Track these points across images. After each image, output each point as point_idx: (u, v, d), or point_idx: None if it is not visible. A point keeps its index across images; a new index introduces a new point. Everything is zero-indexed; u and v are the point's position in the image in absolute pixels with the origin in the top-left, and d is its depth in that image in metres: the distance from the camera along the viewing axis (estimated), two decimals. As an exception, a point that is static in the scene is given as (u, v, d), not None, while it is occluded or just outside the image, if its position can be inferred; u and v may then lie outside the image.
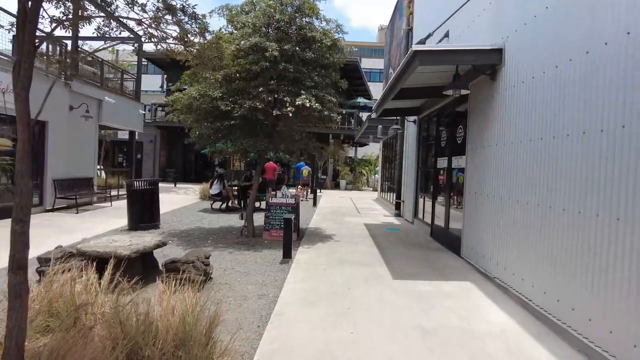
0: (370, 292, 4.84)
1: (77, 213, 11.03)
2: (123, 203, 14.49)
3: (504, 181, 5.20)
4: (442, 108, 8.46)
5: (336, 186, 27.80)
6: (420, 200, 10.25)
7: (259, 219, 9.69)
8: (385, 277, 5.54)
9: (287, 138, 8.63)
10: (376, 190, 23.17)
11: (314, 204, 15.09)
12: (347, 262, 6.27)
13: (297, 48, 7.21)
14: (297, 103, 6.89)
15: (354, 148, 37.22)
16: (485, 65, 5.67)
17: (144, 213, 8.77)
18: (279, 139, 8.51)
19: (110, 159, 28.93)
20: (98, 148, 25.09)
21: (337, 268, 5.92)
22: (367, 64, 48.72)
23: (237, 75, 7.23)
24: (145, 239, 5.34)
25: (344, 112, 8.21)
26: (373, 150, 33.70)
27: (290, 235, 6.24)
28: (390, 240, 8.32)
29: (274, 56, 6.95)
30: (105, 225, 9.22)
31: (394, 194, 14.28)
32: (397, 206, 12.26)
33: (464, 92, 5.70)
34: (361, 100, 29.15)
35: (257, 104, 6.95)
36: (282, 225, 7.66)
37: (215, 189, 12.69)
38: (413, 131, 10.96)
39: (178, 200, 15.68)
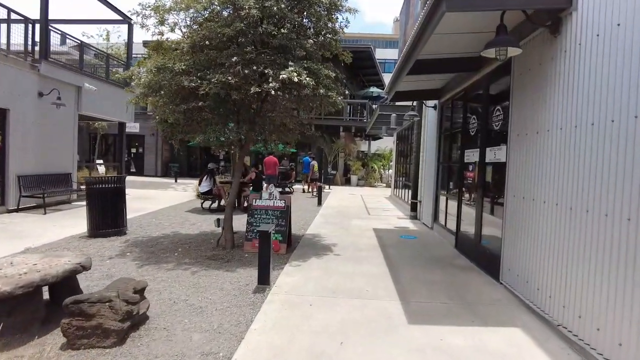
0: (374, 354, 3.17)
1: (45, 214, 9.62)
2: None
3: (573, 183, 3.46)
4: (471, 87, 6.69)
5: (347, 182, 26.09)
6: (442, 201, 8.50)
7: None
8: (397, 319, 3.85)
9: (276, 126, 6.99)
10: (389, 187, 21.39)
11: (319, 202, 13.45)
12: (344, 292, 4.60)
13: (284, 6, 5.52)
14: (281, 77, 5.22)
15: (366, 142, 35.41)
16: (544, 11, 3.91)
17: (105, 217, 7.25)
18: (265, 126, 6.87)
19: (112, 154, 27.77)
20: (93, 141, 23.85)
21: (330, 303, 4.25)
22: (381, 54, 46.73)
23: (207, 42, 5.59)
24: (59, 261, 3.76)
25: (347, 93, 6.26)
26: (387, 144, 31.82)
27: (267, 253, 4.60)
28: (404, 254, 6.61)
29: (252, 16, 5.30)
30: (68, 229, 7.77)
31: (409, 192, 12.52)
32: (413, 207, 10.52)
33: (512, 52, 3.94)
34: (374, 90, 27.29)
35: (229, 78, 5.31)
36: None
37: (204, 186, 11.15)
38: (432, 119, 9.19)
39: (171, 197, 14.24)
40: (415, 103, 9.95)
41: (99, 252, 6.24)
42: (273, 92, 5.32)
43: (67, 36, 11.64)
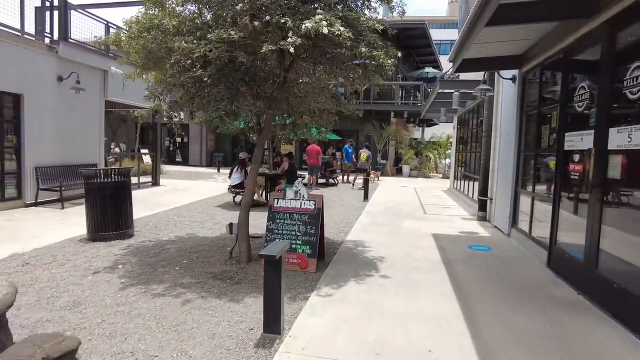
0: None
1: (63, 208, 8.78)
2: (137, 194, 12.32)
3: None
4: (577, 43, 4.68)
5: (398, 172, 24.07)
6: (524, 201, 6.54)
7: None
8: None
9: (306, 103, 5.42)
10: (447, 178, 19.16)
11: (365, 196, 11.75)
12: (393, 354, 2.97)
13: None
14: (304, 28, 3.61)
15: (419, 128, 32.93)
16: None
17: (106, 217, 6.09)
18: (292, 105, 5.33)
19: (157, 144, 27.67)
20: (135, 131, 23.56)
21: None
22: (436, 35, 43.59)
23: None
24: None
25: (399, 54, 4.49)
26: (443, 130, 29.24)
27: (275, 288, 3.03)
28: (478, 276, 4.82)
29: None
30: (74, 228, 6.79)
31: (474, 185, 10.49)
32: (482, 206, 8.54)
33: None
34: (430, 70, 24.85)
35: (232, 33, 3.78)
36: (294, 246, 4.58)
37: (235, 179, 9.87)
38: (510, 94, 7.16)
39: (207, 189, 13.21)
40: (485, 76, 7.92)
41: (88, 262, 5.05)
42: (293, 49, 3.72)
43: (89, 15, 10.73)
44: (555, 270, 4.96)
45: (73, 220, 7.50)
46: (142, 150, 25.58)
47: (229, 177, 10.03)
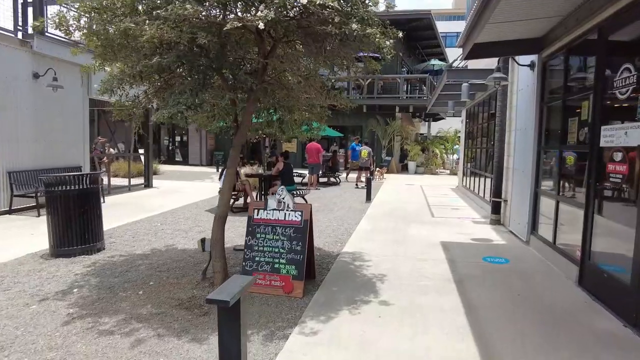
0: None
1: (39, 216, 8.09)
2: (125, 198, 11.75)
3: None
4: (619, 15, 3.84)
5: (404, 169, 23.22)
6: (546, 205, 5.72)
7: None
8: None
9: (290, 96, 4.64)
10: (455, 175, 18.31)
11: (368, 197, 10.95)
12: None
13: None
14: (275, -2, 2.83)
15: (425, 123, 31.99)
16: None
17: (69, 230, 5.37)
18: (275, 98, 4.56)
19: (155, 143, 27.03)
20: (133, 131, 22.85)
21: None
22: (441, 27, 42.58)
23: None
24: None
25: (400, 35, 3.69)
26: (451, 125, 28.32)
27: (233, 352, 2.24)
28: (498, 302, 4.01)
29: None
30: (42, 238, 6.04)
31: (485, 183, 9.67)
32: (495, 208, 7.71)
33: None
34: (435, 62, 23.93)
35: (188, 7, 3.01)
36: (277, 265, 3.83)
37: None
38: (528, 82, 6.32)
39: (202, 191, 12.48)
40: (499, 63, 7.07)
41: (40, 285, 4.33)
42: (263, 25, 2.94)
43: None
44: (589, 291, 4.14)
45: (46, 230, 6.79)
46: (140, 151, 25.05)
47: (219, 178, 9.28)
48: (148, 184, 13.82)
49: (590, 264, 4.21)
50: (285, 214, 4.18)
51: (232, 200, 9.25)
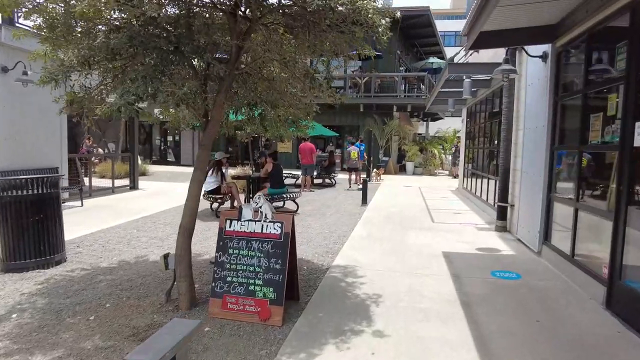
0: None
1: (6, 222, 7.43)
2: (107, 201, 11.05)
3: None
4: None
5: (402, 170, 22.61)
6: (562, 212, 5.11)
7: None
8: None
9: (272, 88, 4.02)
10: (454, 177, 17.71)
11: (364, 200, 10.33)
12: None
13: None
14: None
15: (424, 123, 31.42)
16: None
17: (23, 241, 4.72)
18: (255, 91, 3.93)
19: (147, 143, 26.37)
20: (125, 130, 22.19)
21: None
22: (440, 27, 42.10)
23: None
24: None
25: (398, 14, 3.07)
26: (450, 124, 27.74)
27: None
28: (514, 330, 3.38)
29: None
30: None
31: (488, 185, 9.08)
32: (501, 214, 7.10)
33: None
34: (434, 61, 23.35)
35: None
36: (252, 287, 3.19)
37: (210, 183, 8.47)
38: (540, 75, 5.70)
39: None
40: (507, 54, 6.44)
41: (-26, 310, 3.69)
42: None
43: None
44: (620, 316, 3.53)
45: (4, 239, 6.13)
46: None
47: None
48: (134, 186, 13.17)
49: (621, 283, 3.59)
50: (262, 225, 3.55)
51: (216, 205, 8.62)
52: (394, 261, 5.21)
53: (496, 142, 8.84)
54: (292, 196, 8.72)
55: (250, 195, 8.88)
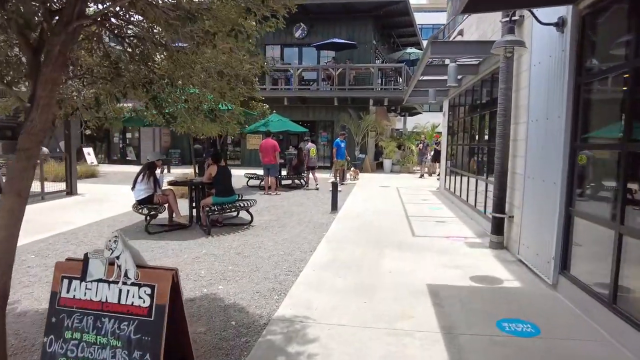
0: None
1: None
2: (32, 210, 9.09)
3: None
4: None
5: (379, 167, 21.31)
6: (592, 235, 3.75)
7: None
8: None
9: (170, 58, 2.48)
10: (434, 173, 16.50)
11: (334, 206, 8.87)
12: None
13: None
14: None
15: (402, 118, 30.26)
16: None
17: None
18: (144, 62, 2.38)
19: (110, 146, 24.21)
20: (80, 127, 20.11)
21: None
22: (418, 19, 41.06)
23: None
24: None
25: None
26: (428, 119, 26.63)
27: None
28: None
29: None
30: None
31: (476, 186, 7.79)
32: (497, 227, 5.73)
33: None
34: (412, 51, 22.10)
35: None
36: None
37: (140, 191, 6.84)
38: (553, 50, 4.32)
39: (133, 199, 10.08)
40: (505, 28, 5.04)
41: None
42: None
43: None
44: None
45: None
46: (85, 149, 22.27)
47: (132, 188, 6.98)
48: (71, 191, 11.36)
49: None
50: (120, 291, 2.01)
51: (152, 218, 6.98)
52: (363, 307, 3.75)
53: (486, 137, 7.51)
54: (245, 205, 7.18)
55: (194, 206, 7.29)
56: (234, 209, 6.98)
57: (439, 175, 14.40)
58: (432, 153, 18.96)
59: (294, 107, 20.29)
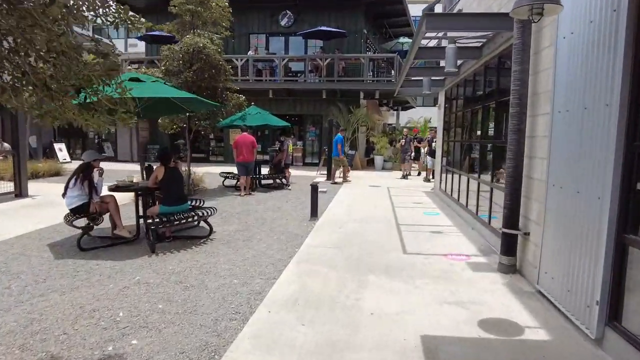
0: None
1: None
2: None
3: None
4: None
5: (370, 164, 20.13)
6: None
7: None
8: None
9: None
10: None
11: (313, 212, 7.68)
12: None
13: None
14: None
15: (394, 113, 29.08)
16: None
17: None
18: None
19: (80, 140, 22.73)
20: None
21: None
22: (412, 10, 39.78)
23: None
24: None
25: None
26: (422, 114, 25.52)
27: None
28: None
29: None
30: None
31: (477, 189, 6.66)
32: (509, 246, 4.55)
33: None
34: (405, 41, 20.90)
35: None
36: None
37: (73, 199, 5.59)
38: (596, 14, 3.12)
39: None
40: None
41: None
42: None
43: None
44: None
45: None
46: (57, 145, 20.84)
47: (63, 195, 5.72)
48: (20, 193, 10.05)
49: None
50: None
51: (85, 230, 5.71)
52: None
53: (491, 132, 6.35)
54: (203, 214, 5.95)
55: (142, 215, 6.03)
56: (184, 220, 5.72)
57: (426, 175, 13.11)
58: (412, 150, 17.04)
59: (280, 100, 19.03)
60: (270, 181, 12.07)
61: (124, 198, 7.21)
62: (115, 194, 5.99)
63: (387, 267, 4.78)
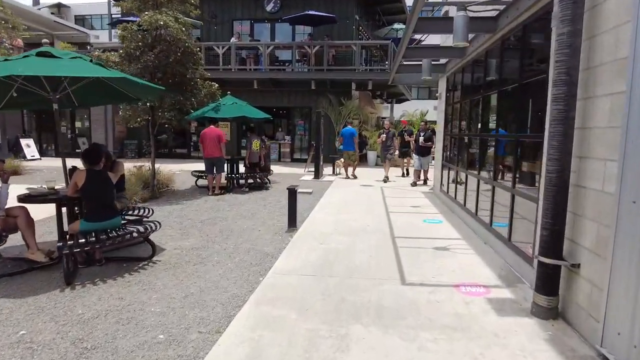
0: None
1: None
2: None
3: None
4: None
5: (363, 160, 18.78)
6: None
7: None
8: None
9: None
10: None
11: (291, 222, 6.35)
12: None
13: None
14: None
15: (388, 105, 27.77)
16: None
17: None
18: None
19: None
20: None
21: None
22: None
23: None
24: None
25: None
26: (417, 107, 24.22)
27: None
28: None
29: None
30: None
31: (493, 192, 5.37)
32: (549, 281, 3.26)
33: None
34: (399, 27, 19.55)
35: None
36: None
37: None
38: None
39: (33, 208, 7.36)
40: None
41: None
42: None
43: None
44: None
45: None
46: (24, 141, 19.31)
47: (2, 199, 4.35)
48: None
49: None
50: None
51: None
52: None
53: (512, 124, 5.05)
54: (141, 230, 4.59)
55: (63, 233, 4.66)
56: (110, 241, 4.32)
57: (414, 179, 11.74)
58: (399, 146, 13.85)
59: (266, 92, 17.64)
60: (251, 180, 10.69)
61: (45, 210, 5.79)
62: (27, 205, 4.62)
63: (379, 310, 3.47)
